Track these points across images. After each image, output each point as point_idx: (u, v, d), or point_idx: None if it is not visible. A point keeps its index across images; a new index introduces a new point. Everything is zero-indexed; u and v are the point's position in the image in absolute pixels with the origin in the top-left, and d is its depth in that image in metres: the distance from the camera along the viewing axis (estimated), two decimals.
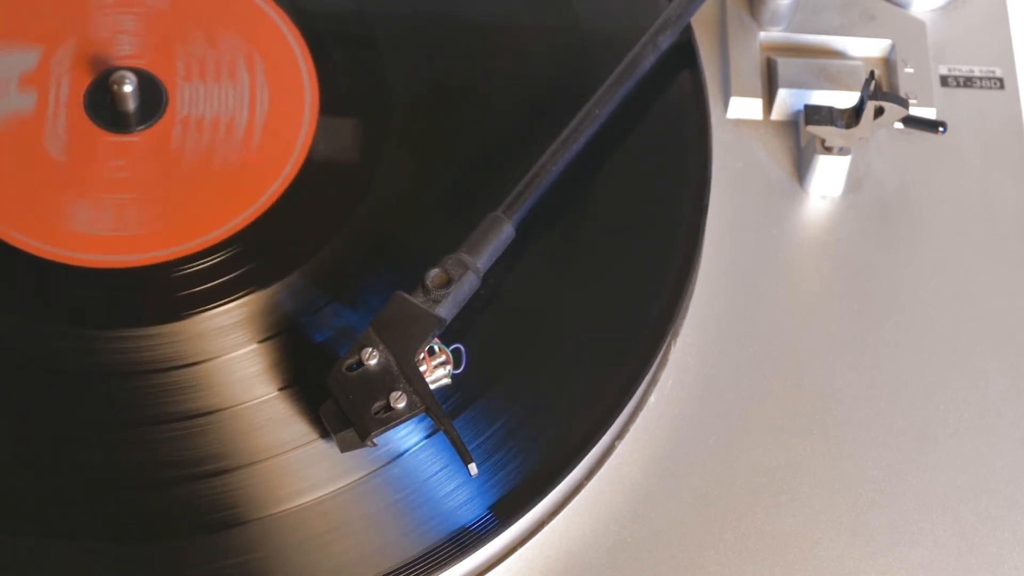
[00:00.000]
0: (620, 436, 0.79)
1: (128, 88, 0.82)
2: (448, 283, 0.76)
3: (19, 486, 0.74)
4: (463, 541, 0.73)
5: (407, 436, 0.76)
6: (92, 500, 0.74)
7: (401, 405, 0.73)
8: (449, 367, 0.75)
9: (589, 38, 0.87)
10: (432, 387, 0.74)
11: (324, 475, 0.75)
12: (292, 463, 0.75)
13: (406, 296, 0.75)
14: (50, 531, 0.73)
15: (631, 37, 0.86)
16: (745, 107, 0.89)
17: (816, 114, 0.85)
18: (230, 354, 0.77)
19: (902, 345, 0.83)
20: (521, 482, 0.75)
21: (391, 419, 0.73)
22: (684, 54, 0.87)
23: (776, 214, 0.87)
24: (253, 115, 0.83)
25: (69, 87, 0.83)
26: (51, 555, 0.73)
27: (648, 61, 0.84)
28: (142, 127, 0.83)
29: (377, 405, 0.73)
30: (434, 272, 0.76)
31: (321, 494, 0.74)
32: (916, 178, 0.88)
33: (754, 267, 0.85)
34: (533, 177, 0.80)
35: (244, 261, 0.80)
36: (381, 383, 0.74)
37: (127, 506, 0.74)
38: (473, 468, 0.72)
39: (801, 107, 0.88)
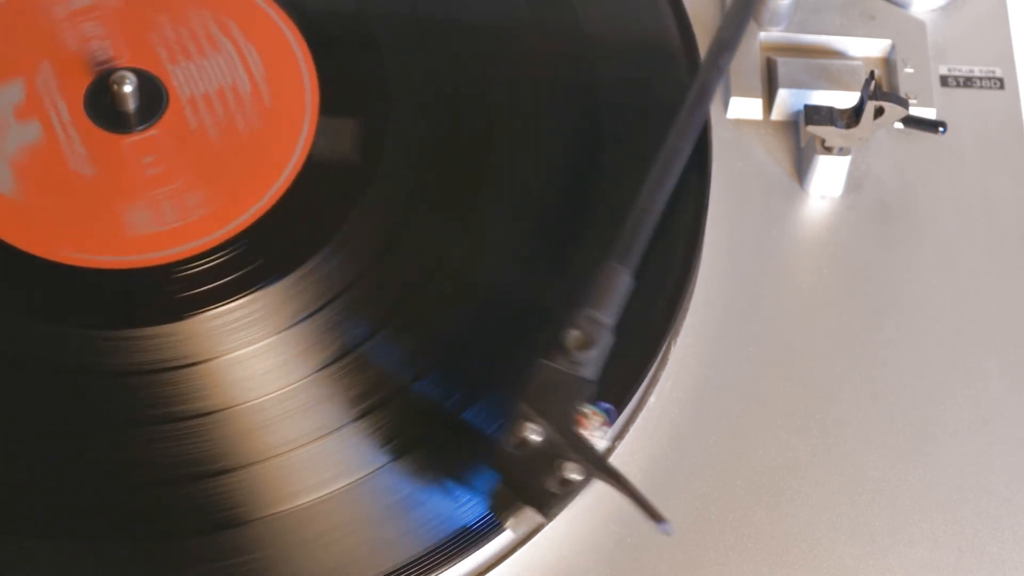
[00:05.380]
0: (620, 436, 0.79)
1: (128, 88, 0.82)
2: (588, 345, 0.74)
3: (19, 486, 0.74)
4: (463, 541, 0.73)
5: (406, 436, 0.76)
6: (92, 500, 0.74)
7: (576, 476, 0.71)
8: (605, 427, 0.73)
9: (589, 38, 0.87)
10: None
11: (324, 475, 0.75)
12: (293, 463, 0.75)
13: (549, 363, 0.74)
14: (50, 531, 0.73)
15: (631, 36, 0.86)
16: (745, 107, 0.89)
17: (816, 114, 0.85)
18: (231, 354, 0.77)
19: (902, 345, 0.83)
20: None
21: (570, 492, 0.72)
22: (684, 55, 0.87)
23: (776, 214, 0.87)
24: (252, 73, 0.84)
25: (66, 104, 0.83)
26: (51, 555, 0.73)
27: (715, 84, 0.83)
28: (152, 120, 0.83)
29: (551, 480, 0.72)
30: (573, 334, 0.74)
31: (321, 494, 0.74)
32: (916, 178, 0.88)
33: (754, 267, 0.85)
34: (638, 222, 0.78)
35: (245, 261, 0.80)
36: (549, 456, 0.72)
37: (127, 506, 0.74)
38: (668, 527, 0.70)
39: (801, 107, 0.88)
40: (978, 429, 0.81)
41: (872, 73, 0.84)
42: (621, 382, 0.78)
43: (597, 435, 0.73)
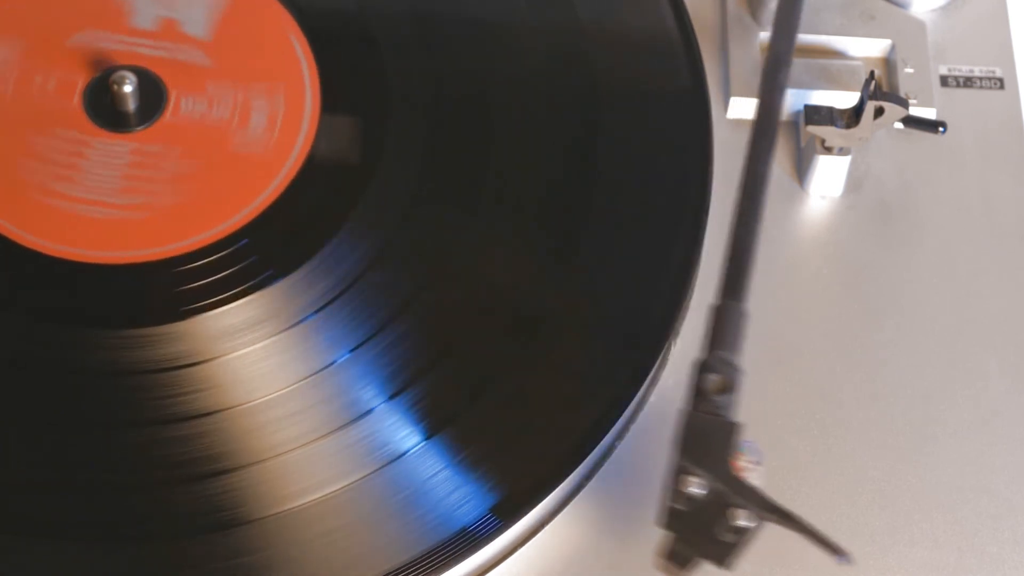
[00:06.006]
0: (620, 436, 0.80)
1: (128, 88, 0.82)
2: (728, 388, 0.74)
3: (19, 486, 0.74)
4: (464, 542, 0.73)
5: (407, 436, 0.76)
6: (92, 500, 0.74)
7: (747, 523, 0.71)
8: (756, 465, 0.73)
9: (589, 37, 0.87)
10: None
11: (325, 475, 0.75)
12: (293, 463, 0.75)
13: (695, 412, 0.73)
14: (50, 531, 0.73)
15: (631, 35, 0.86)
16: (745, 107, 0.89)
17: (816, 114, 0.85)
18: (232, 354, 0.77)
19: (902, 345, 0.83)
20: (522, 482, 0.75)
21: (744, 540, 0.71)
22: (684, 54, 0.87)
23: (776, 214, 0.87)
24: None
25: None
26: (51, 555, 0.73)
27: (780, 105, 0.83)
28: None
29: (723, 530, 0.71)
30: (712, 379, 0.74)
31: (322, 494, 0.74)
32: (916, 178, 0.88)
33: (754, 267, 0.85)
34: (739, 254, 0.77)
35: (246, 259, 0.80)
36: (716, 506, 0.71)
37: (127, 506, 0.74)
38: (848, 559, 0.70)
39: (801, 107, 0.88)
40: (978, 429, 0.81)
41: (872, 73, 0.84)
42: (621, 382, 0.78)
43: (753, 475, 0.73)
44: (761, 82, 0.82)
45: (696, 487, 0.71)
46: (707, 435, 0.72)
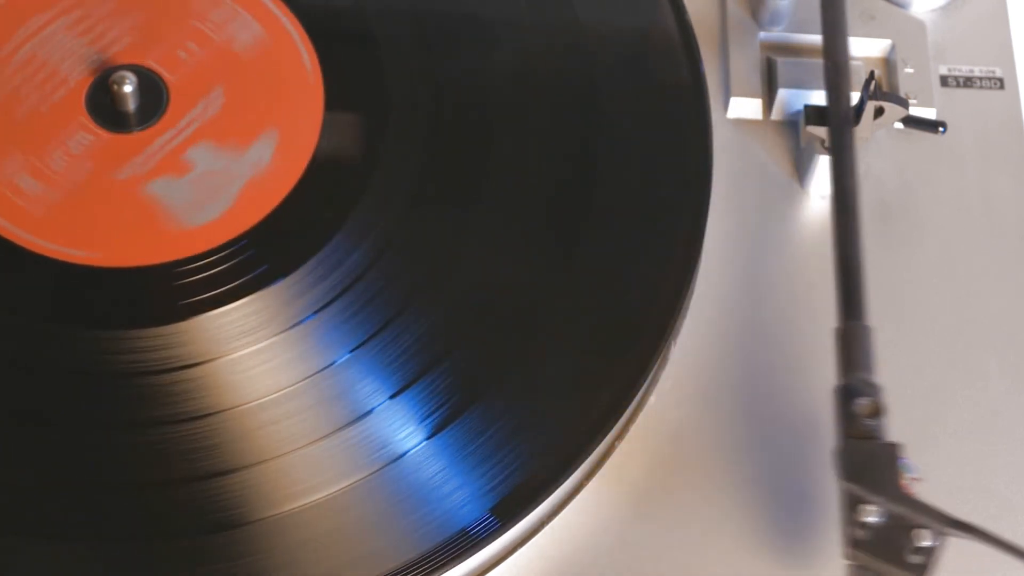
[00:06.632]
0: (620, 436, 0.80)
1: (128, 88, 0.82)
2: (879, 410, 0.74)
3: (19, 486, 0.74)
4: (463, 542, 0.73)
5: (407, 437, 0.76)
6: (92, 500, 0.74)
7: (930, 542, 0.71)
8: (916, 479, 0.74)
9: (589, 36, 0.87)
10: None
11: (325, 476, 0.75)
12: (293, 464, 0.75)
13: (854, 439, 0.74)
14: (50, 531, 0.73)
15: (631, 35, 0.86)
16: (745, 107, 0.89)
17: (816, 114, 0.85)
18: (232, 354, 0.77)
19: (902, 345, 0.83)
20: (521, 483, 0.75)
21: (931, 559, 0.72)
22: (684, 54, 0.87)
23: (776, 214, 0.87)
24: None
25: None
26: (51, 555, 0.73)
27: (850, 119, 0.83)
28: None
29: (908, 553, 0.72)
30: (862, 402, 0.74)
31: (322, 495, 0.74)
32: (916, 178, 0.88)
33: (754, 267, 0.85)
34: (848, 273, 0.78)
35: (247, 260, 0.80)
36: (895, 530, 0.72)
37: (127, 506, 0.74)
38: None
39: (801, 107, 0.88)
40: (978, 429, 0.81)
41: (872, 73, 0.84)
42: (621, 382, 0.78)
43: (917, 488, 0.73)
44: (828, 103, 0.83)
45: (871, 515, 0.72)
46: (871, 460, 0.73)
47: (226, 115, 0.83)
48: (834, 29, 0.85)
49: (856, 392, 0.74)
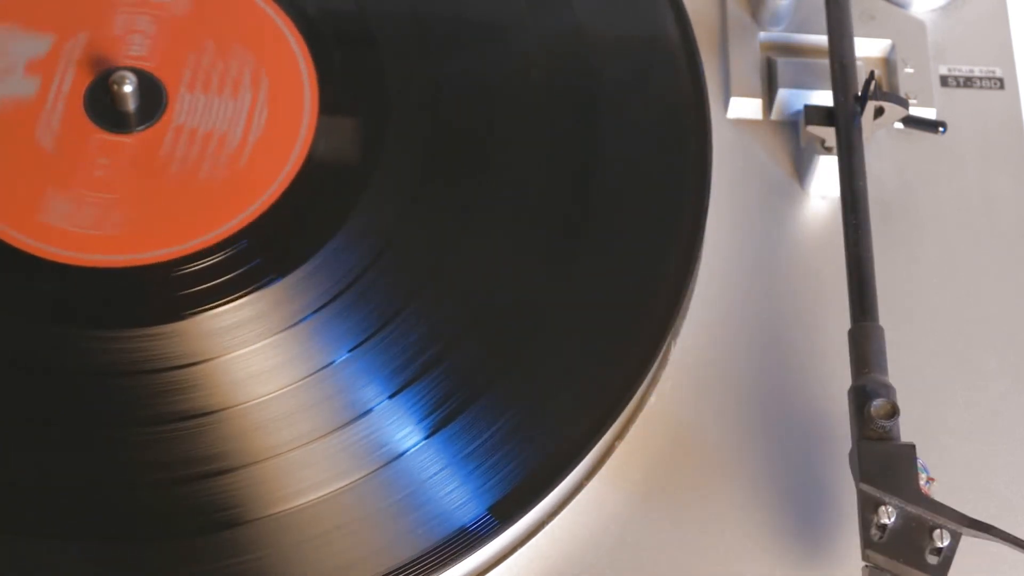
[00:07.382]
0: (620, 436, 0.80)
1: (128, 88, 0.82)
2: (894, 410, 0.74)
3: (19, 486, 0.74)
4: (463, 542, 0.73)
5: (407, 436, 0.76)
6: (92, 500, 0.74)
7: (948, 542, 0.72)
8: (931, 480, 0.74)
9: (589, 37, 0.87)
10: None
11: (324, 475, 0.75)
12: (292, 463, 0.75)
13: (865, 440, 0.74)
14: (50, 531, 0.73)
15: (631, 36, 0.86)
16: (745, 107, 0.89)
17: (816, 114, 0.85)
18: (231, 354, 0.77)
19: (902, 345, 0.83)
20: (521, 482, 0.75)
21: (948, 559, 0.72)
22: (684, 54, 0.87)
23: (776, 214, 0.87)
24: (247, 135, 0.83)
25: (72, 80, 0.83)
26: (50, 555, 0.73)
27: (857, 119, 0.83)
28: (138, 129, 0.83)
29: (927, 553, 0.72)
30: (877, 404, 0.74)
31: (321, 494, 0.74)
32: (916, 178, 0.88)
33: (754, 267, 0.85)
34: (861, 273, 0.79)
35: (245, 260, 0.80)
36: (914, 531, 0.72)
37: (127, 506, 0.74)
38: None
39: (801, 107, 0.88)
40: (978, 429, 0.81)
41: (872, 73, 0.84)
42: (621, 382, 0.78)
43: (934, 488, 0.74)
44: (835, 104, 0.83)
45: (889, 516, 0.72)
46: (887, 461, 0.73)
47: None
48: (840, 29, 0.85)
49: (871, 393, 0.74)
